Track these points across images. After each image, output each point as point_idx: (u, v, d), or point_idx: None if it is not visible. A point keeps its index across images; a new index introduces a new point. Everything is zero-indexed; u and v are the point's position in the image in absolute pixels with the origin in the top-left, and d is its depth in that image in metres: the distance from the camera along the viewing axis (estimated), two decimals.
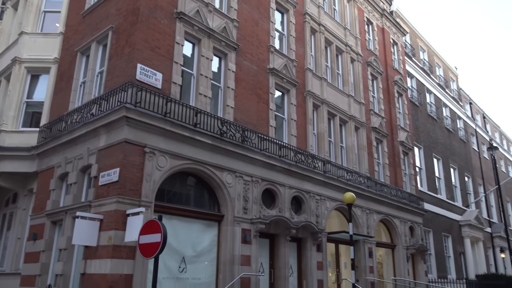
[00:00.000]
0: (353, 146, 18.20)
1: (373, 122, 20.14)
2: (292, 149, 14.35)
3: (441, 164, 27.15)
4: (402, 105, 23.52)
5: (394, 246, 19.40)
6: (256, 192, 12.69)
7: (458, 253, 26.22)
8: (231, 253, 11.52)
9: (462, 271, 25.93)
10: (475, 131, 35.37)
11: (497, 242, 32.47)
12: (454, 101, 32.40)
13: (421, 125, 25.98)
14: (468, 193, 30.39)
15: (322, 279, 14.35)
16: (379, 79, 21.83)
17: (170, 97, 10.81)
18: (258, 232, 12.33)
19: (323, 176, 15.32)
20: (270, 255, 13.27)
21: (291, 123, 15.25)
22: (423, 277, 20.36)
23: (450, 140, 29.56)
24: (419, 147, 25.02)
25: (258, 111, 13.92)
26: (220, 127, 11.82)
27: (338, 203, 16.05)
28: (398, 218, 19.61)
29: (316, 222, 14.52)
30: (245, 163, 12.46)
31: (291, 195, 13.98)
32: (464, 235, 27.11)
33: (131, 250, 9.31)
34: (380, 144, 20.61)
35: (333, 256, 16.07)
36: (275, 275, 13.07)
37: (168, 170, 10.48)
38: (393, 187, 19.76)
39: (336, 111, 17.68)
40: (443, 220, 25.26)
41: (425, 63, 29.60)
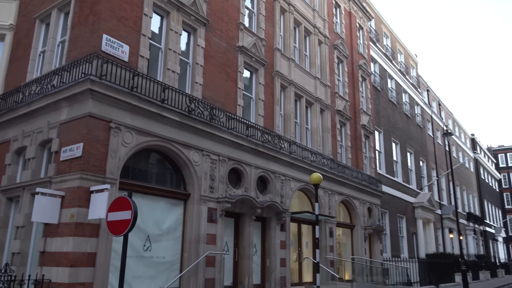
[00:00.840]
0: (318, 128, 18.42)
1: (338, 105, 20.42)
2: (259, 129, 14.31)
3: (399, 148, 28.11)
4: (366, 90, 23.98)
5: (353, 226, 20.01)
6: (223, 171, 12.60)
7: (411, 233, 27.47)
8: (197, 232, 11.45)
9: (414, 251, 27.23)
10: (431, 117, 36.79)
11: (446, 223, 34.29)
12: (413, 87, 33.43)
13: (382, 109, 26.66)
14: (422, 176, 31.74)
15: (285, 258, 14.60)
16: (345, 63, 22.08)
17: (137, 71, 10.39)
18: (224, 211, 12.30)
19: (289, 157, 15.43)
20: (235, 234, 13.31)
21: (258, 103, 15.17)
22: (379, 256, 21.21)
23: (408, 125, 30.60)
24: (379, 131, 25.72)
25: (227, 89, 13.73)
26: (188, 104, 11.55)
27: (302, 183, 16.28)
28: (358, 200, 20.20)
29: (280, 202, 14.67)
30: (212, 141, 12.31)
31: (257, 175, 14.00)
32: (417, 216, 28.40)
33: (94, 228, 9.02)
34: (344, 127, 20.99)
35: (295, 236, 16.36)
36: (239, 254, 13.15)
37: (134, 147, 10.16)
38: (354, 169, 20.26)
39: (303, 92, 17.76)
40: (399, 202, 26.31)
41: (388, 49, 30.24)
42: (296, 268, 15.97)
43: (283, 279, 14.39)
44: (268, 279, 13.93)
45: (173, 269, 11.05)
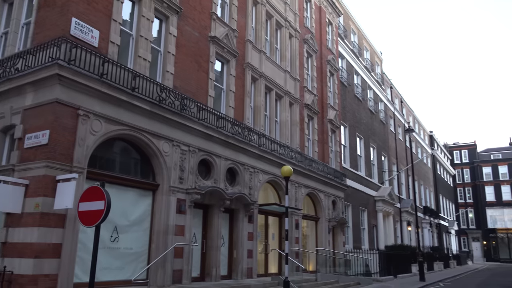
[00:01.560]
0: (287, 121, 18.58)
1: (306, 99, 20.66)
2: (230, 120, 14.27)
3: (362, 143, 28.82)
4: (333, 85, 24.37)
5: (318, 218, 20.41)
6: (193, 162, 12.50)
7: (372, 225, 28.34)
8: (165, 223, 11.32)
9: (374, 242, 28.13)
10: (393, 114, 37.91)
11: (404, 216, 35.60)
12: (377, 84, 34.27)
13: (348, 105, 27.20)
14: (384, 171, 32.74)
15: (252, 249, 14.72)
16: (314, 57, 22.33)
17: (107, 57, 10.09)
18: (193, 202, 12.23)
19: (258, 149, 15.49)
20: (203, 225, 13.28)
21: (229, 94, 15.11)
22: (341, 247, 21.76)
23: (372, 121, 31.40)
24: (345, 126, 26.26)
25: (198, 79, 13.57)
26: (159, 93, 11.34)
27: (270, 176, 16.41)
28: (323, 192, 20.60)
29: (249, 194, 14.74)
30: (183, 132, 12.16)
31: (226, 166, 13.98)
32: (378, 209, 29.31)
33: (60, 218, 8.73)
34: (311, 121, 21.28)
35: (262, 228, 16.50)
36: (207, 245, 13.13)
37: (103, 135, 9.89)
38: (320, 163, 20.61)
39: (273, 85, 17.83)
40: (361, 195, 27.04)
41: (355, 45, 30.80)
42: (262, 259, 16.14)
43: (250, 270, 14.51)
44: (235, 270, 14.01)
45: (140, 260, 10.90)
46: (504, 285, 21.64)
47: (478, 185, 67.81)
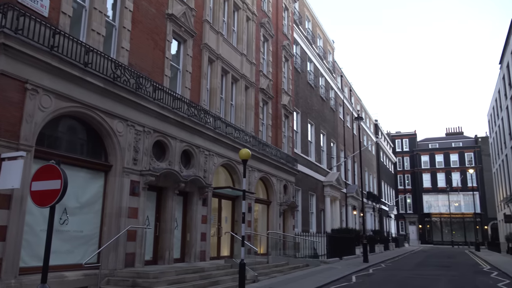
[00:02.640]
0: (242, 105, 18.50)
1: (262, 84, 20.66)
2: (186, 102, 13.96)
3: (313, 129, 29.41)
4: (288, 70, 24.53)
5: (270, 202, 20.67)
6: (147, 143, 12.13)
7: (320, 210, 29.18)
8: (118, 205, 10.95)
9: (321, 226, 29.00)
10: (343, 102, 38.93)
11: (350, 201, 36.96)
12: (329, 72, 34.95)
13: (301, 91, 27.55)
14: (332, 157, 33.68)
15: (205, 232, 14.65)
16: (270, 42, 22.30)
17: (58, 29, 9.43)
18: (147, 184, 11.90)
19: (214, 132, 15.32)
20: (157, 208, 12.99)
21: (185, 75, 14.75)
22: (291, 230, 22.24)
23: (322, 108, 32.06)
24: (298, 112, 26.62)
25: (154, 58, 13.10)
26: (114, 70, 10.83)
27: (225, 159, 16.33)
28: (276, 177, 20.85)
29: (203, 177, 14.59)
30: (138, 112, 11.73)
31: (181, 148, 13.71)
32: (325, 194, 30.18)
33: (5, 199, 8.17)
34: (266, 106, 21.34)
35: (215, 211, 16.44)
36: (160, 228, 12.88)
37: (53, 112, 9.30)
38: (273, 147, 20.79)
39: (230, 68, 17.63)
40: (311, 180, 27.68)
41: (309, 32, 31.11)
42: (215, 242, 16.12)
43: (203, 253, 14.45)
44: (188, 253, 13.90)
45: (91, 244, 10.50)
46: (439, 264, 23.22)
47: (416, 172, 71.79)
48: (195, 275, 11.49)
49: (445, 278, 15.81)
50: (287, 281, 13.59)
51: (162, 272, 10.57)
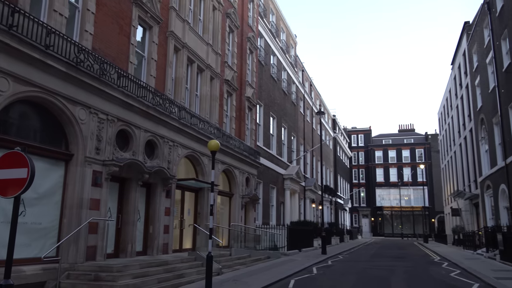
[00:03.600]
0: (207, 96, 18.22)
1: (227, 75, 20.43)
2: (151, 90, 13.53)
3: (275, 123, 29.55)
4: (252, 63, 24.42)
5: (232, 194, 20.58)
6: (111, 132, 11.65)
7: (280, 202, 29.45)
8: (79, 196, 10.46)
9: (281, 218, 29.31)
10: (303, 96, 39.36)
11: (308, 194, 37.58)
12: (291, 66, 35.18)
13: (264, 84, 27.55)
14: (293, 150, 34.03)
15: (168, 225, 14.34)
16: (235, 33, 22.07)
17: (17, 7, 8.80)
18: (110, 175, 11.45)
19: (179, 122, 14.98)
20: (119, 199, 12.56)
21: (151, 63, 14.29)
22: (253, 223, 22.30)
23: (284, 102, 32.26)
24: (260, 105, 26.61)
25: (119, 43, 12.57)
26: (77, 55, 10.28)
27: (189, 150, 16.04)
28: (238, 169, 20.76)
29: (168, 168, 14.25)
30: (101, 99, 11.23)
31: (145, 138, 13.30)
32: (286, 187, 30.49)
33: None
34: (230, 97, 21.15)
35: (178, 203, 16.14)
36: (123, 220, 12.47)
37: (11, 96, 8.69)
38: (237, 140, 20.68)
39: (195, 57, 17.28)
40: (272, 173, 27.85)
41: (273, 25, 31.11)
42: (177, 235, 15.85)
43: (166, 246, 14.16)
44: (151, 246, 13.56)
45: (50, 237, 9.97)
46: (393, 256, 24.12)
47: (370, 167, 74.19)
48: (159, 268, 11.22)
49: (401, 268, 16.42)
50: (251, 273, 13.60)
51: (125, 265, 10.23)
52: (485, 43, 25.59)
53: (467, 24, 32.22)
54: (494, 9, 22.98)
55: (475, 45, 28.73)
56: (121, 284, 9.16)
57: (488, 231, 24.00)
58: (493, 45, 23.10)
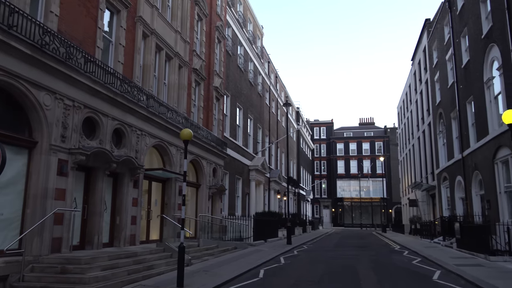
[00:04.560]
0: (175, 84, 17.85)
1: (195, 64, 20.09)
2: (119, 77, 13.07)
3: (242, 114, 29.45)
4: (220, 52, 24.14)
5: (199, 185, 20.37)
6: (77, 119, 11.17)
7: (245, 193, 29.49)
8: (44, 186, 9.98)
9: (246, 209, 29.37)
10: (269, 88, 39.43)
11: (272, 185, 37.85)
12: (258, 57, 35.11)
13: (231, 74, 27.34)
14: (258, 142, 34.10)
15: (136, 216, 14.00)
16: (204, 22, 21.71)
17: None
18: (76, 164, 11.00)
19: (147, 110, 14.59)
20: (85, 189, 12.10)
21: (118, 48, 13.79)
22: (219, 214, 22.21)
23: (250, 93, 32.20)
24: (228, 95, 26.41)
25: (86, 27, 12.03)
26: (42, 36, 9.73)
27: (157, 140, 15.69)
28: (206, 160, 20.56)
29: (135, 157, 13.87)
30: (67, 84, 10.72)
31: (113, 127, 12.86)
32: (251, 178, 30.55)
33: None
34: (198, 87, 20.84)
35: (145, 193, 15.79)
36: (89, 211, 12.03)
37: None
38: (205, 130, 20.44)
39: (164, 45, 16.85)
40: (238, 164, 27.80)
41: (240, 15, 30.86)
42: (144, 226, 15.52)
43: (133, 237, 13.82)
44: (118, 237, 13.19)
45: (12, 228, 9.46)
46: (355, 245, 24.80)
47: (332, 159, 75.70)
48: (128, 260, 10.93)
49: (365, 257, 16.88)
50: (221, 264, 13.55)
51: (93, 257, 9.89)
52: (445, 40, 26.53)
53: (428, 22, 33.29)
54: (454, 8, 23.83)
55: (436, 42, 29.74)
56: (90, 277, 8.85)
57: (445, 220, 25.12)
58: (453, 43, 23.99)
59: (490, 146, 17.98)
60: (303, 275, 11.69)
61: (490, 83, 18.27)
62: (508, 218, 16.37)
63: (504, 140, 16.33)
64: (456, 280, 10.63)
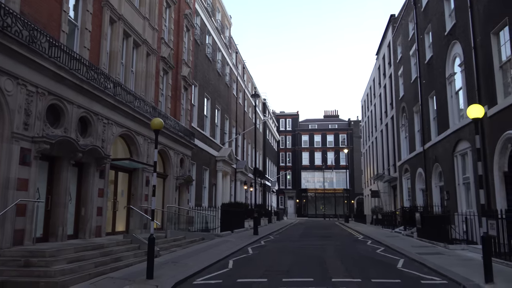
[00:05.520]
0: (143, 73, 17.43)
1: (163, 52, 19.68)
2: (85, 63, 12.59)
3: (209, 104, 29.19)
4: (188, 41, 23.76)
5: (166, 176, 20.08)
6: (41, 107, 10.69)
7: (212, 184, 29.36)
8: (5, 176, 9.52)
9: (213, 200, 29.27)
10: (236, 78, 39.25)
11: (239, 176, 37.87)
12: (226, 47, 34.81)
13: (199, 64, 26.98)
14: (225, 133, 33.96)
15: (101, 207, 13.64)
16: (172, 9, 21.26)
17: None
18: (39, 153, 10.55)
19: (114, 99, 14.17)
20: (49, 179, 11.65)
21: (84, 34, 13.27)
22: (186, 205, 22.02)
23: (218, 83, 31.93)
24: (196, 85, 26.07)
25: (50, 9, 11.49)
26: (3, 18, 9.21)
27: (124, 129, 15.31)
28: (173, 150, 20.27)
29: (102, 147, 13.47)
30: (31, 69, 10.22)
31: (78, 115, 12.41)
32: (218, 169, 30.43)
33: None
34: (166, 76, 20.44)
35: (111, 184, 15.40)
36: (53, 202, 11.60)
37: None
38: (172, 120, 20.12)
39: (132, 31, 16.39)
40: (205, 155, 27.60)
41: (209, 4, 30.44)
42: (110, 217, 15.15)
43: (99, 229, 13.48)
44: (83, 229, 12.82)
45: None
46: (320, 235, 25.28)
47: (297, 150, 76.60)
48: (95, 252, 10.65)
49: (331, 247, 17.24)
50: (189, 255, 13.46)
51: (58, 249, 9.57)
52: (409, 36, 27.26)
53: (393, 17, 34.09)
54: (419, 4, 24.49)
55: (400, 38, 30.52)
56: (56, 270, 8.55)
57: (406, 211, 26.03)
58: (417, 38, 24.70)
59: (450, 139, 18.72)
60: (272, 265, 11.80)
61: (451, 79, 18.96)
62: (466, 209, 17.17)
63: (464, 134, 17.04)
64: (419, 268, 11.04)
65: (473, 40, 15.67)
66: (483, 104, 14.68)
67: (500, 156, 13.73)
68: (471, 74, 16.00)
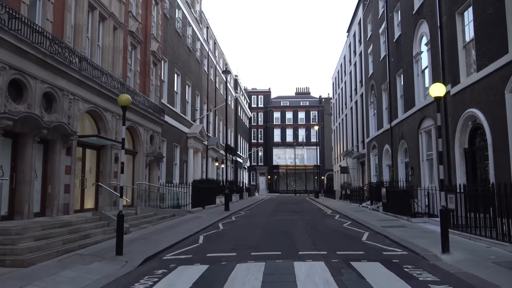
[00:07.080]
0: (110, 47, 16.97)
1: (131, 26, 19.16)
2: (48, 37, 12.14)
3: (180, 80, 28.79)
4: (157, 15, 23.18)
5: (136, 153, 19.88)
6: (2, 81, 10.32)
7: (183, 161, 29.28)
8: None
9: (184, 177, 29.25)
10: (207, 54, 38.72)
11: (210, 153, 37.88)
12: (196, 22, 34.15)
13: (169, 39, 26.44)
14: (196, 109, 33.69)
15: (69, 184, 13.44)
16: None
17: None
18: (2, 129, 10.24)
19: (80, 74, 13.78)
20: (13, 157, 11.35)
21: (47, 5, 12.74)
22: (157, 182, 21.93)
23: (189, 59, 31.45)
24: (165, 60, 25.61)
25: None
26: None
27: (91, 105, 14.98)
28: (143, 126, 20.02)
29: (68, 123, 13.17)
30: None
31: (43, 90, 12.05)
32: (189, 146, 30.31)
33: None
34: (134, 50, 19.97)
35: (79, 161, 15.14)
36: (17, 180, 11.35)
37: None
38: (142, 96, 19.80)
39: (97, 3, 15.84)
40: (176, 132, 27.39)
41: None
42: (79, 195, 14.96)
43: (66, 206, 13.32)
44: (50, 207, 12.64)
45: None
46: (291, 210, 25.81)
47: (269, 127, 76.95)
48: (63, 229, 10.57)
49: (301, 221, 17.68)
50: (160, 231, 13.54)
51: (25, 227, 9.44)
52: (379, 14, 27.52)
53: None
54: None
55: (370, 15, 30.75)
56: (23, 247, 8.47)
57: (373, 186, 26.85)
58: (387, 17, 24.97)
59: (416, 117, 19.29)
60: (242, 240, 12.04)
61: (418, 57, 19.39)
62: (428, 183, 17.89)
63: (429, 112, 17.58)
64: (382, 240, 11.53)
65: (439, 19, 16.00)
66: (447, 83, 15.15)
67: (461, 134, 14.30)
68: (437, 53, 16.41)
